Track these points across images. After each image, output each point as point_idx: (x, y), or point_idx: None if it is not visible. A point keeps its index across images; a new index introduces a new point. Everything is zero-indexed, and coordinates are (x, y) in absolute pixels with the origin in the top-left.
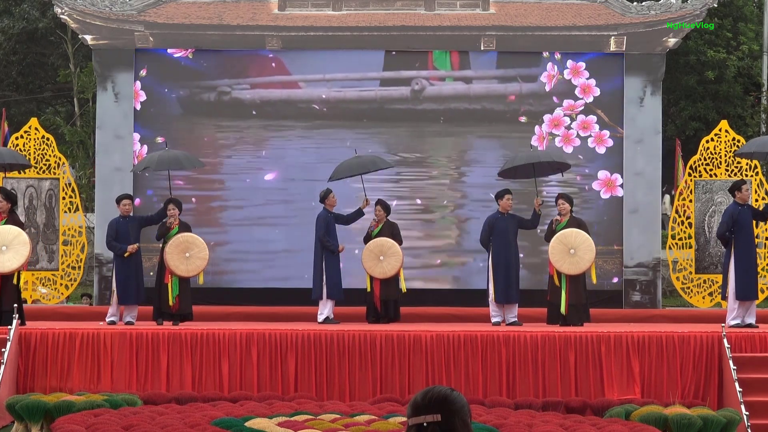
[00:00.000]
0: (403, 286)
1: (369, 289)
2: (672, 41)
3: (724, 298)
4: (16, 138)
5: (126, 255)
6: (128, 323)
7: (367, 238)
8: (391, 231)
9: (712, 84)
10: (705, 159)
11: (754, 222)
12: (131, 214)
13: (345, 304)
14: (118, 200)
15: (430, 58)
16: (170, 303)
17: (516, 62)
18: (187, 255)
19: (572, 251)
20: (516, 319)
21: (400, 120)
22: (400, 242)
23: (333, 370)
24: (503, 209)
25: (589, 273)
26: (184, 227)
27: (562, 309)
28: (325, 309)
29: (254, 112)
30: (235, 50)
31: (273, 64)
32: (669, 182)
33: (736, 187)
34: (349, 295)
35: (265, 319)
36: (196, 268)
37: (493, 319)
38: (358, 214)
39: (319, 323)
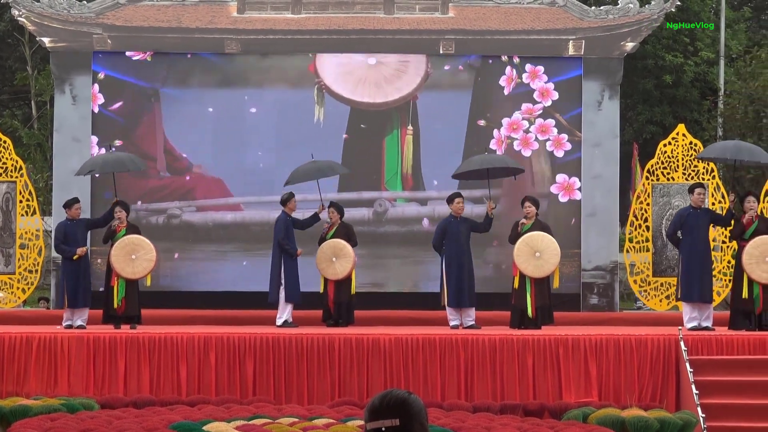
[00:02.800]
0: (353, 288)
1: (322, 291)
2: (630, 45)
3: (678, 299)
4: None
5: (75, 258)
6: (79, 327)
7: (321, 241)
8: (346, 233)
9: (669, 88)
10: (662, 162)
11: (714, 226)
12: (80, 217)
13: (304, 308)
14: (70, 204)
15: (383, 180)
16: (116, 305)
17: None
18: (133, 257)
19: (538, 254)
20: (473, 323)
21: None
22: (354, 244)
23: (291, 374)
24: (455, 213)
25: (552, 277)
26: (132, 230)
27: (529, 312)
28: (284, 312)
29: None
30: (194, 53)
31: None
32: (626, 186)
33: (690, 191)
34: (309, 298)
35: (223, 323)
36: (143, 270)
37: (451, 323)
38: (314, 218)
39: (278, 326)
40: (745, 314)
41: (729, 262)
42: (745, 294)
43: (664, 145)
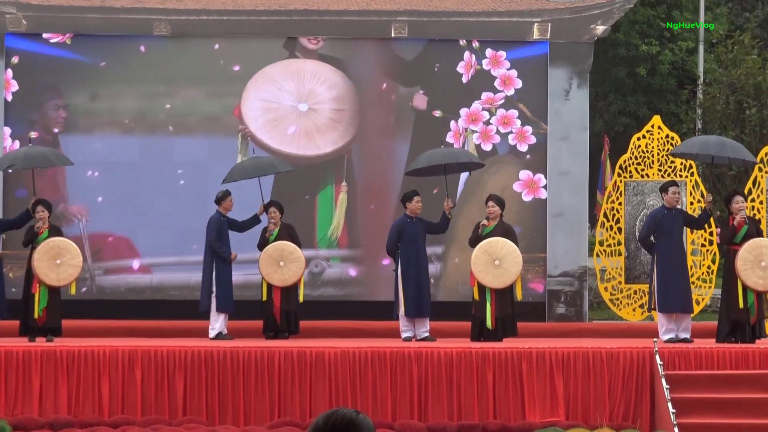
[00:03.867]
0: (301, 296)
1: (266, 299)
2: (600, 29)
3: (650, 309)
4: None
5: None
6: None
7: (264, 243)
8: (289, 233)
9: (643, 77)
10: (636, 158)
11: (689, 229)
12: None
13: (239, 318)
14: None
15: (314, 239)
16: (36, 315)
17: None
18: (58, 262)
19: (497, 262)
20: (428, 334)
21: None
22: (298, 245)
23: (226, 391)
24: (412, 213)
25: (513, 287)
26: (55, 231)
27: (489, 323)
28: (217, 323)
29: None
30: (119, 35)
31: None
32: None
33: (663, 189)
34: (244, 307)
35: (150, 335)
36: (68, 277)
37: (404, 334)
38: (254, 220)
39: (211, 339)
40: (738, 325)
41: (708, 267)
42: (741, 303)
43: (638, 139)
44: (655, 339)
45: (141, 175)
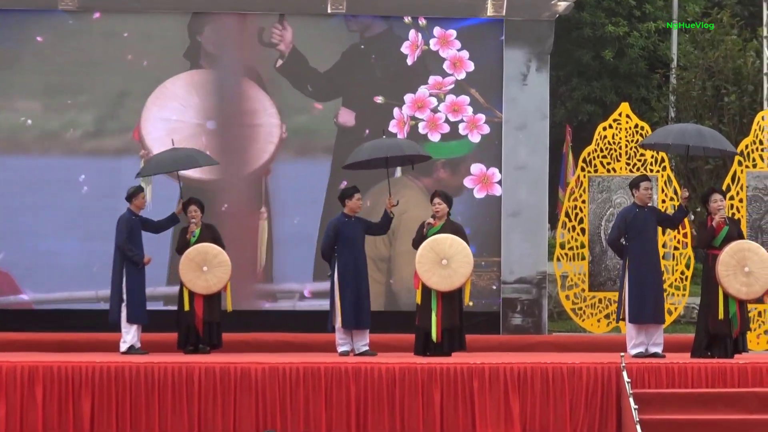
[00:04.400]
0: (229, 304)
1: (187, 308)
2: (562, 5)
3: (619, 320)
4: None
5: None
6: None
7: (184, 246)
8: (212, 235)
9: (610, 60)
10: (601, 150)
11: (661, 229)
12: None
13: (155, 330)
14: None
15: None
16: None
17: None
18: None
19: (444, 262)
20: (368, 348)
21: None
22: (222, 247)
23: (139, 411)
24: (351, 211)
25: (462, 291)
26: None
27: (434, 335)
28: (129, 335)
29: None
30: (19, 10)
31: None
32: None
33: (634, 185)
34: (161, 317)
35: (54, 349)
36: None
37: (340, 348)
38: (172, 220)
39: (122, 353)
40: (718, 339)
41: (682, 273)
42: (721, 314)
43: (604, 129)
44: (623, 353)
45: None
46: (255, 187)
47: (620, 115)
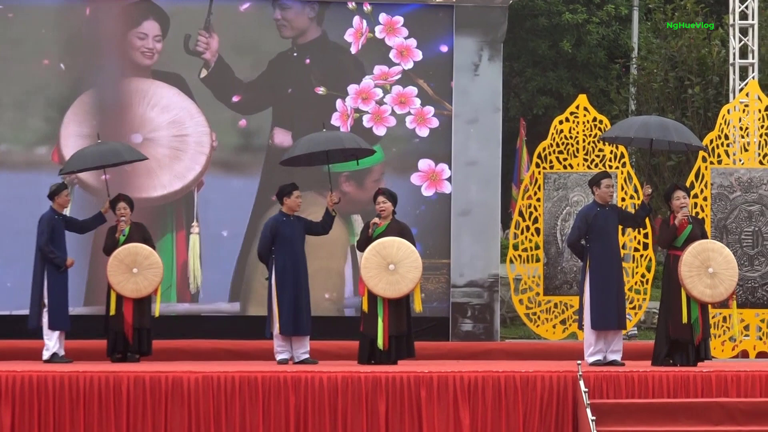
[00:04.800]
0: (157, 310)
1: (114, 313)
2: None
3: (581, 327)
4: None
5: None
6: None
7: (112, 246)
8: (142, 235)
9: (567, 50)
10: (557, 145)
11: (621, 228)
12: None
13: (79, 336)
14: None
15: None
16: None
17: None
18: None
19: (392, 267)
20: (308, 356)
21: None
22: (153, 248)
23: (63, 424)
24: (290, 210)
25: (412, 297)
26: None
27: (380, 342)
28: (51, 342)
29: None
30: None
31: None
32: (510, 175)
33: (594, 182)
34: (86, 323)
35: None
36: None
37: (278, 356)
38: (98, 219)
39: (44, 362)
40: (679, 345)
41: (643, 276)
42: (684, 318)
43: (560, 122)
44: (579, 361)
45: None
46: (186, 201)
47: (577, 107)
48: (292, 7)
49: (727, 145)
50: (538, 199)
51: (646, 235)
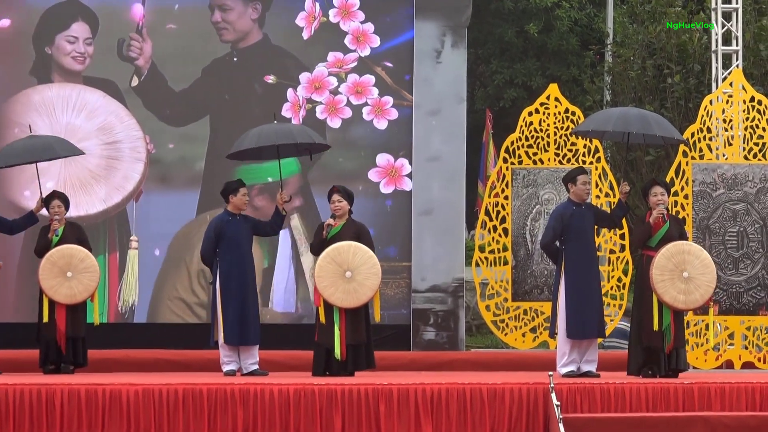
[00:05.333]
0: (97, 316)
1: (46, 320)
2: None
3: (553, 335)
4: None
5: None
6: None
7: (45, 248)
8: (77, 236)
9: (536, 36)
10: (527, 138)
11: (596, 228)
12: None
13: (9, 346)
14: None
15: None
16: None
17: None
18: None
19: (348, 274)
20: (257, 367)
21: None
22: (89, 250)
23: None
24: (236, 209)
25: (371, 305)
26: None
27: (337, 353)
28: None
29: None
30: None
31: None
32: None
33: (569, 179)
34: (15, 332)
35: None
36: None
37: (225, 368)
38: (30, 219)
39: None
40: (651, 354)
41: (619, 280)
42: (655, 325)
43: (530, 114)
44: (551, 372)
45: None
46: (122, 216)
47: (548, 98)
48: (234, 8)
49: (710, 139)
50: (506, 197)
51: (622, 236)
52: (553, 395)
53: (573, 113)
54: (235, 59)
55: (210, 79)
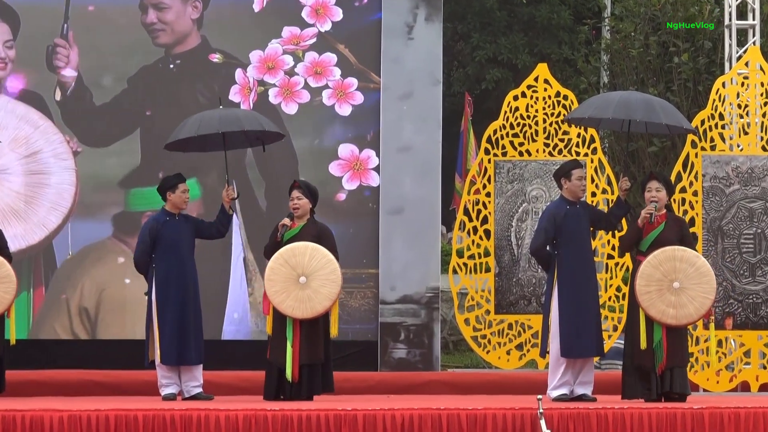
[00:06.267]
0: (13, 334)
1: None
2: None
3: (543, 354)
4: None
5: None
6: None
7: None
8: None
9: (523, 7)
10: (512, 126)
11: (592, 229)
12: None
13: None
14: None
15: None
16: None
17: None
18: None
19: (303, 279)
20: (201, 390)
21: None
22: (9, 259)
23: None
24: (174, 207)
25: (327, 318)
26: None
27: (288, 373)
28: None
29: None
30: None
31: None
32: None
33: (563, 173)
34: None
35: None
36: None
37: (164, 391)
38: None
39: None
40: (642, 374)
41: (618, 289)
42: (643, 343)
43: (515, 98)
44: (540, 396)
45: None
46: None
47: (536, 80)
48: (171, 6)
49: (722, 127)
50: (488, 194)
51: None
52: (543, 422)
53: (565, 97)
54: (171, 66)
55: (139, 88)
